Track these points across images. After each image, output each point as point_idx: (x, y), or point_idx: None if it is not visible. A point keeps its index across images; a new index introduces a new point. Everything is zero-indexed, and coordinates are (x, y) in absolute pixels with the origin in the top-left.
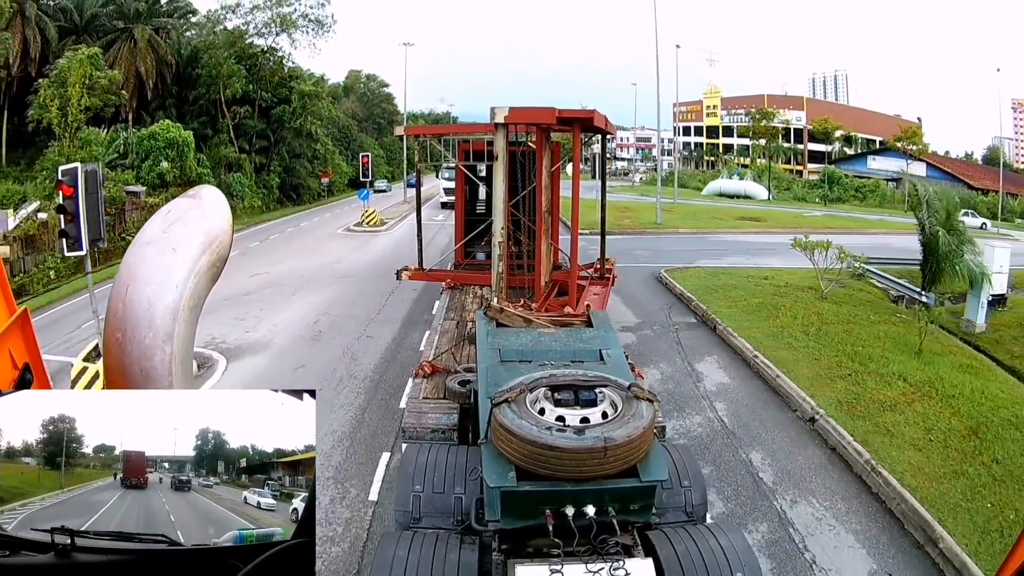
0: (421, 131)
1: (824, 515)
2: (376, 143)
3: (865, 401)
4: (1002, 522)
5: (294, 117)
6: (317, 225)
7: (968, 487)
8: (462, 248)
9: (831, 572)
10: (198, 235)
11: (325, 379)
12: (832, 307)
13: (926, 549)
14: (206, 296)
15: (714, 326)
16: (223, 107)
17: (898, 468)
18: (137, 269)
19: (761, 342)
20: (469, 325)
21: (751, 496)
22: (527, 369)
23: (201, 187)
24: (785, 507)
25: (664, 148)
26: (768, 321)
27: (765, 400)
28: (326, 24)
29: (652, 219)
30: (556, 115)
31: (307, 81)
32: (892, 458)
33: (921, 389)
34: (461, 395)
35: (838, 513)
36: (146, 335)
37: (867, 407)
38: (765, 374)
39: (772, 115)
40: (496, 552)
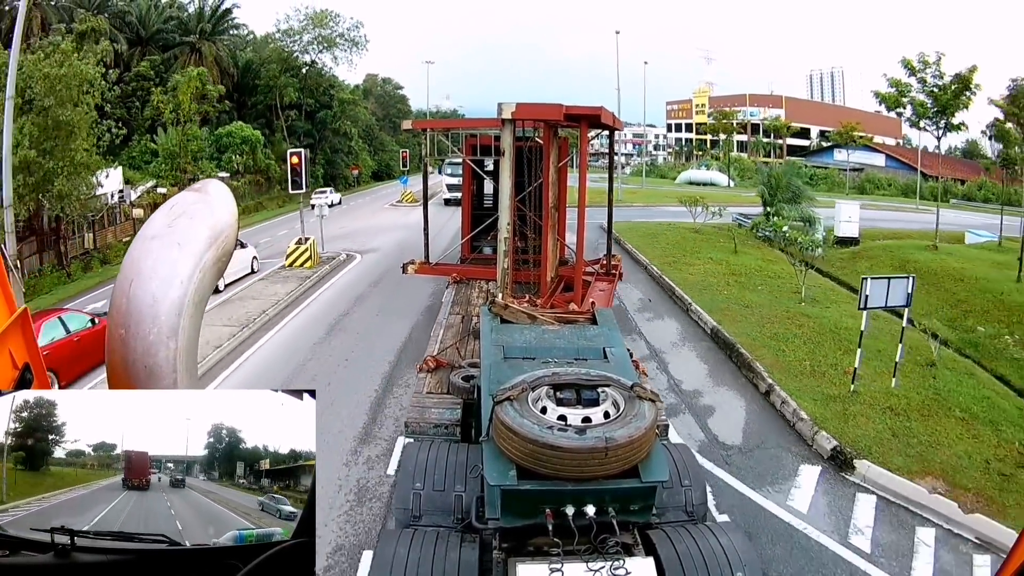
0: (428, 125)
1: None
2: (393, 140)
3: (680, 264)
4: (728, 304)
5: (334, 119)
6: (363, 204)
7: (720, 297)
8: (468, 242)
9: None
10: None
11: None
12: (699, 235)
13: (700, 325)
14: (211, 292)
15: (623, 245)
16: (278, 111)
17: (688, 291)
18: (141, 264)
19: (641, 247)
20: (474, 320)
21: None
22: (530, 366)
23: (207, 181)
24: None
25: (657, 144)
26: (652, 240)
27: (633, 266)
28: (360, 44)
29: (616, 198)
30: (563, 111)
31: (345, 90)
32: (683, 282)
33: (717, 263)
34: (465, 390)
35: (664, 312)
36: (150, 331)
37: (680, 266)
38: (636, 257)
39: (732, 115)
40: (496, 551)
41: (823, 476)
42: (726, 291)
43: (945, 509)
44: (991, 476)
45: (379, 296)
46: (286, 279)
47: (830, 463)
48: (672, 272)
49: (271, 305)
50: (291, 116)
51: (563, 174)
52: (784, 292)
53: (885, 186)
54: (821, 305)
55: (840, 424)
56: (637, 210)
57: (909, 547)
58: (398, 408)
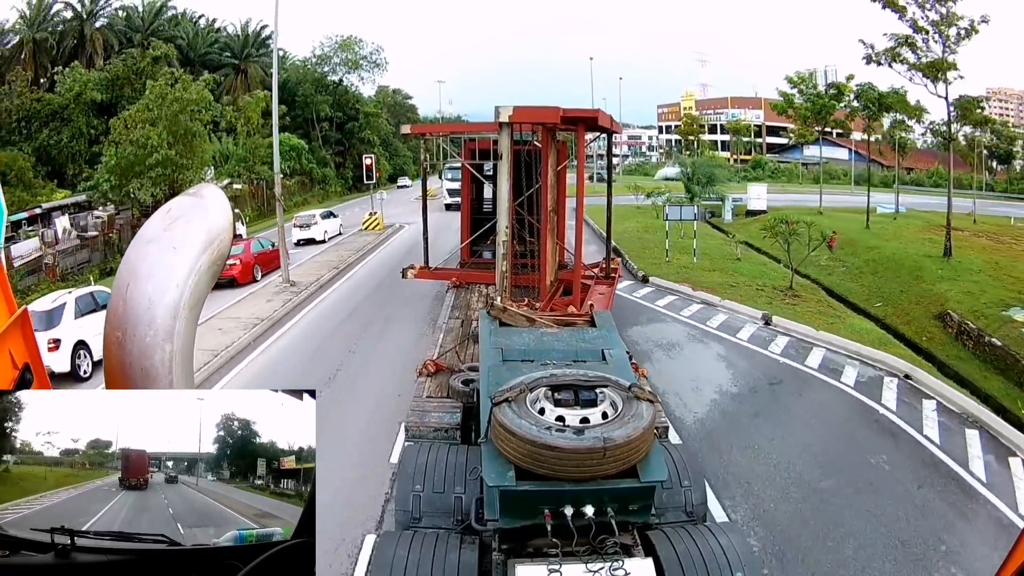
0: (428, 130)
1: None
2: (406, 147)
3: (615, 223)
4: (632, 239)
5: (360, 130)
6: (392, 201)
7: (631, 237)
8: (468, 247)
9: None
10: (199, 233)
11: (445, 238)
12: (639, 211)
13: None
14: (206, 295)
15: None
16: (315, 123)
17: (615, 236)
18: (138, 267)
19: (594, 216)
20: (473, 324)
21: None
22: (529, 369)
23: (202, 185)
24: None
25: (651, 145)
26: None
27: (587, 227)
28: (382, 65)
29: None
30: (560, 114)
31: (368, 104)
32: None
33: (640, 223)
34: (464, 394)
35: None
36: (146, 334)
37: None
38: (590, 223)
39: (700, 119)
40: (496, 552)
41: (635, 283)
42: (637, 235)
43: (687, 291)
44: (719, 287)
45: None
46: (365, 235)
47: (640, 280)
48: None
49: (364, 247)
50: (324, 127)
51: (562, 178)
52: (674, 235)
53: (840, 176)
54: (687, 238)
55: (651, 269)
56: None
57: (664, 299)
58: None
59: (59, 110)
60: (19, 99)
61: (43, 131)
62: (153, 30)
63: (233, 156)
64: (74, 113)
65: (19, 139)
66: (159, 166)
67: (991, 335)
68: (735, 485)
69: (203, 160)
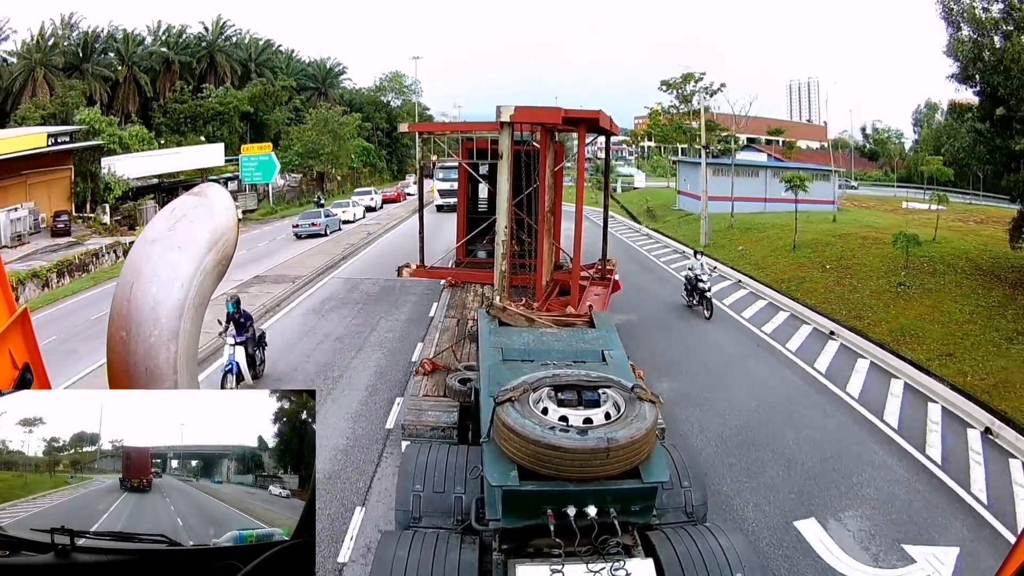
0: (423, 128)
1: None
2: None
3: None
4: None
5: (401, 137)
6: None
7: None
8: (463, 246)
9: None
10: (204, 233)
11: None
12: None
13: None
14: (211, 295)
15: None
16: (374, 131)
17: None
18: (142, 267)
19: None
20: (470, 323)
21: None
22: (529, 369)
23: (206, 185)
24: None
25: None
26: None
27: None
28: (417, 92)
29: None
30: (562, 115)
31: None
32: None
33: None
34: (461, 393)
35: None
36: (151, 333)
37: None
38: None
39: (640, 131)
40: (496, 552)
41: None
42: None
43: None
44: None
45: None
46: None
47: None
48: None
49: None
50: (379, 135)
51: (559, 178)
52: None
53: None
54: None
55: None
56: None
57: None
58: None
59: (218, 114)
60: (185, 104)
61: (206, 127)
62: (259, 61)
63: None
64: (231, 118)
65: (188, 130)
66: (326, 154)
67: None
68: None
69: (348, 152)
